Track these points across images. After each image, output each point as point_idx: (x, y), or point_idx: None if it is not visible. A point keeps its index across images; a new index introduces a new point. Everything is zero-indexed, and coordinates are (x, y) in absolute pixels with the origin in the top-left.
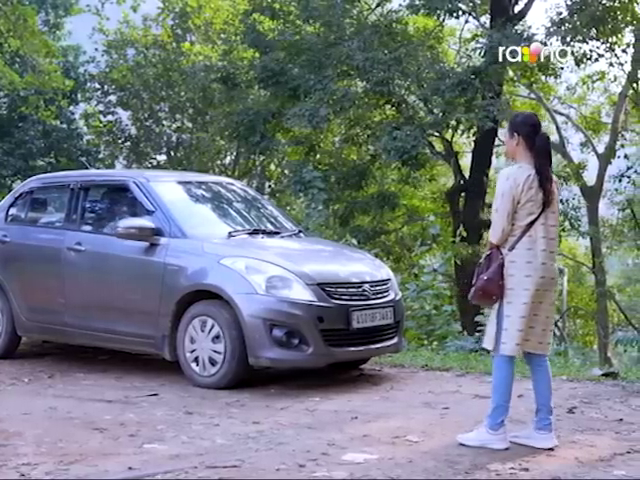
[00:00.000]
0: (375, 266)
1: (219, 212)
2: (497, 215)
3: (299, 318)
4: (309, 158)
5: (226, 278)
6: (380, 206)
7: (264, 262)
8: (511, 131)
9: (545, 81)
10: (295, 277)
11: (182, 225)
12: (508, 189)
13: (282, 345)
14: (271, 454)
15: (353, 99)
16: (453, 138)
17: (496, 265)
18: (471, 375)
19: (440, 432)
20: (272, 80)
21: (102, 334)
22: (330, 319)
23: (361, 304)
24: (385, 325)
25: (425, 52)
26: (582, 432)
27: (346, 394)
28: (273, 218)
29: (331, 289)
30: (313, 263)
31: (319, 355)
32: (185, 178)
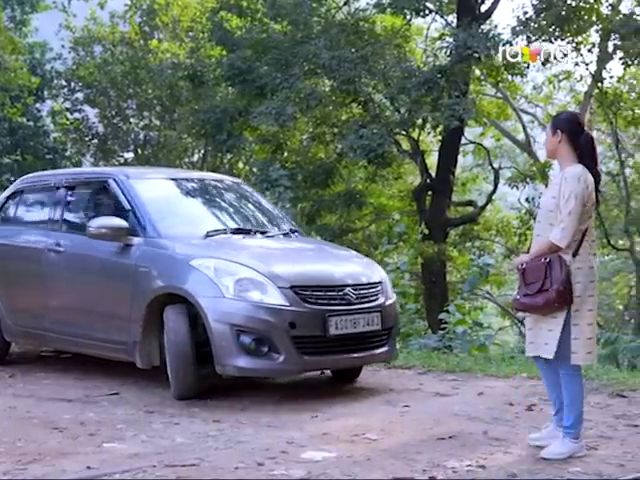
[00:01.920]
0: (364, 268)
1: (202, 211)
2: (570, 218)
3: (268, 324)
4: (276, 156)
5: (194, 280)
6: (347, 204)
7: (234, 263)
8: (554, 128)
9: (511, 80)
10: (266, 279)
11: (157, 224)
12: (580, 191)
13: (250, 353)
14: (230, 453)
15: (320, 97)
16: (420, 137)
17: (565, 273)
18: (433, 373)
19: (399, 430)
20: (239, 78)
21: (80, 340)
22: (303, 325)
23: (341, 309)
24: (371, 332)
25: (392, 51)
26: (540, 429)
27: (307, 392)
28: (265, 217)
29: (306, 292)
30: (290, 264)
31: (291, 364)
32: (174, 175)
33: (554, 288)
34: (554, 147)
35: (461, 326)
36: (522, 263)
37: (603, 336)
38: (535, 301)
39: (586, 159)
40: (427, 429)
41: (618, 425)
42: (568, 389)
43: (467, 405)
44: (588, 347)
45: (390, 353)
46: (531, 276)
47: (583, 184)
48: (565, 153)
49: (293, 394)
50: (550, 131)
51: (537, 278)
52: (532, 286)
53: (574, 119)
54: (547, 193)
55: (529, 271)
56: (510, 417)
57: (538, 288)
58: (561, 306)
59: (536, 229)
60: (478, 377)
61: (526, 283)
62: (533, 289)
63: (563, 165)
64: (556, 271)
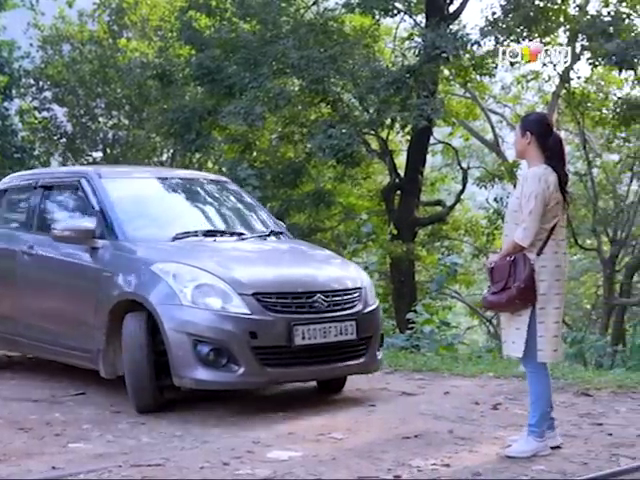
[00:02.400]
0: (341, 274)
1: (176, 212)
2: (530, 218)
3: (227, 333)
4: (245, 156)
5: (152, 287)
6: (316, 204)
7: (195, 269)
8: (523, 130)
9: (480, 80)
10: (227, 286)
11: (125, 226)
12: (541, 191)
13: (208, 364)
14: (196, 452)
15: (288, 97)
16: (388, 136)
17: (528, 271)
18: (400, 373)
19: (365, 429)
20: (208, 78)
21: (49, 346)
22: (266, 335)
23: (309, 317)
24: (344, 342)
25: (360, 51)
26: (505, 428)
27: (274, 392)
28: (246, 218)
29: (269, 299)
30: (256, 269)
31: (252, 376)
32: (154, 174)
33: (516, 285)
34: (523, 148)
35: (428, 326)
36: (491, 262)
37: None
38: (500, 299)
39: (554, 160)
40: (393, 428)
41: (582, 424)
42: (534, 387)
43: (433, 404)
44: (554, 345)
45: (369, 364)
46: (497, 275)
47: (544, 184)
48: (534, 154)
49: (260, 393)
50: (520, 132)
51: (502, 276)
52: (498, 284)
53: (543, 120)
54: (513, 193)
55: (496, 270)
56: (476, 416)
57: (502, 286)
58: (523, 303)
59: (505, 229)
60: (445, 376)
61: (493, 281)
62: (499, 287)
63: (530, 165)
64: (519, 269)
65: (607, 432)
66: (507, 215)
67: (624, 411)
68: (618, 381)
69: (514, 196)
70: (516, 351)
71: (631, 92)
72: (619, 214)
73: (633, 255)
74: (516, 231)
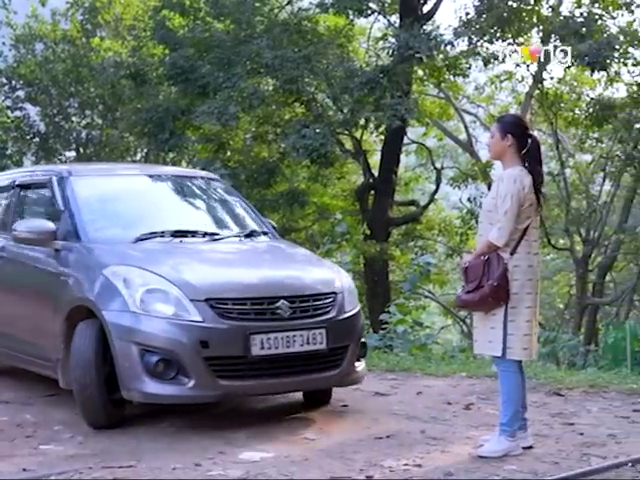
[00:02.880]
0: (316, 277)
1: (147, 211)
2: (506, 218)
3: (176, 343)
4: (218, 156)
5: (102, 292)
6: (290, 204)
7: (148, 272)
8: (503, 132)
9: (454, 80)
10: (178, 291)
11: (88, 227)
12: (516, 192)
13: (156, 376)
14: (168, 453)
15: (262, 97)
16: (362, 136)
17: (502, 270)
18: (373, 373)
19: (337, 430)
20: (181, 77)
21: (17, 354)
22: (219, 344)
23: (269, 325)
24: (311, 352)
25: (334, 51)
26: (477, 428)
27: None
28: (226, 217)
29: (224, 306)
30: (215, 272)
31: (203, 389)
32: (131, 171)
33: (489, 284)
34: (502, 150)
35: (402, 326)
36: (466, 262)
37: (543, 335)
38: (472, 297)
39: (532, 162)
40: (365, 428)
41: (554, 423)
42: (505, 385)
43: (406, 404)
44: (524, 343)
45: (345, 376)
46: (472, 274)
47: (519, 185)
48: (511, 156)
49: None
50: (499, 134)
51: (476, 276)
52: (472, 283)
53: (522, 123)
54: (488, 194)
55: (470, 269)
56: (448, 416)
57: (476, 285)
58: (496, 302)
59: (479, 229)
60: (418, 376)
61: (467, 281)
62: (472, 286)
63: (506, 167)
64: (493, 268)
65: (578, 432)
66: (481, 215)
67: (595, 410)
68: (590, 381)
69: (489, 196)
70: (493, 350)
71: (603, 93)
72: (592, 214)
73: (605, 255)
74: (491, 231)
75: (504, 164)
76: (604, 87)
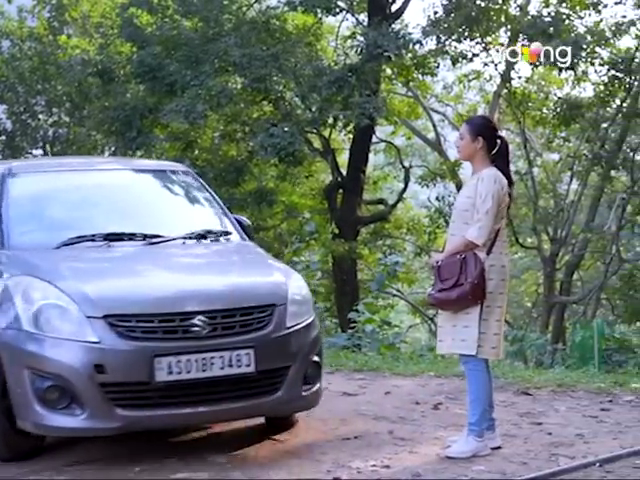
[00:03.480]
0: (252, 286)
1: (84, 211)
2: (487, 217)
3: (66, 367)
4: (186, 154)
5: (0, 306)
6: (258, 203)
7: (51, 285)
8: (473, 134)
9: (422, 79)
10: (75, 306)
11: (12, 232)
12: (496, 192)
13: (48, 404)
14: (130, 456)
15: (230, 95)
16: (331, 135)
17: (480, 268)
18: (341, 372)
19: (305, 430)
20: (149, 75)
21: None
22: (117, 368)
23: (180, 345)
24: (235, 376)
25: (303, 49)
26: (445, 428)
27: None
28: (179, 216)
29: (125, 323)
30: (122, 284)
31: (99, 420)
32: (83, 166)
33: (468, 281)
34: (473, 152)
35: (370, 325)
36: (437, 261)
37: (511, 334)
38: (449, 295)
39: (500, 163)
40: (333, 429)
41: (522, 423)
42: (473, 385)
43: (374, 404)
44: (493, 342)
45: (283, 403)
46: (446, 272)
47: (499, 185)
48: (481, 157)
49: None
50: (469, 137)
51: (452, 274)
52: (447, 282)
53: (491, 125)
54: (462, 193)
55: (444, 268)
56: (416, 416)
57: (453, 283)
58: (474, 300)
59: (451, 228)
60: (386, 376)
61: (441, 279)
62: (448, 284)
63: (477, 167)
64: (471, 267)
65: (547, 431)
66: (454, 214)
67: (563, 410)
68: (558, 380)
69: (463, 195)
70: (468, 349)
71: (571, 92)
72: (559, 213)
73: (573, 253)
74: (469, 230)
75: (474, 165)
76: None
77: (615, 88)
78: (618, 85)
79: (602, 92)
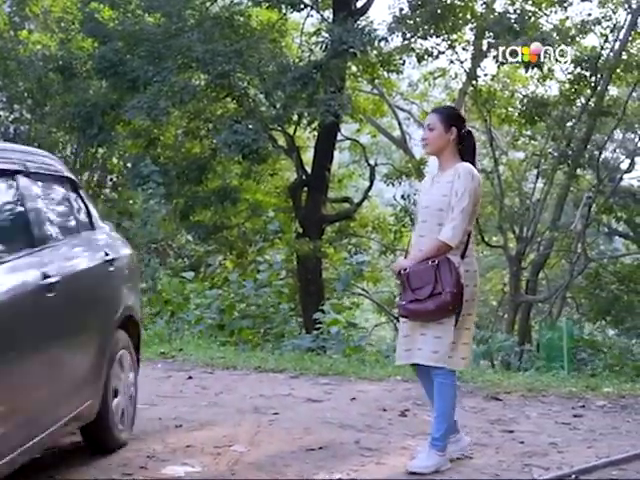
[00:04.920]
0: None
1: None
2: (461, 216)
3: None
4: (149, 151)
5: None
6: (221, 201)
7: None
8: (446, 124)
9: (387, 77)
10: None
11: None
12: (473, 189)
13: None
14: (84, 469)
15: (193, 92)
16: (295, 133)
17: (456, 275)
18: (305, 377)
19: (267, 441)
20: (111, 71)
21: None
22: None
23: None
24: None
25: (267, 45)
26: (413, 437)
27: (172, 399)
28: None
29: None
30: None
31: None
32: None
33: (448, 291)
34: (445, 144)
35: (335, 326)
36: (404, 268)
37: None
38: (426, 307)
39: (468, 158)
40: (297, 439)
41: (493, 431)
42: (442, 398)
43: (339, 411)
44: (463, 352)
45: None
46: (417, 280)
47: (477, 182)
48: (452, 150)
49: (156, 401)
50: (442, 127)
51: (426, 282)
52: (420, 291)
53: (462, 116)
54: (435, 191)
55: (414, 275)
56: (383, 424)
57: (429, 292)
58: (454, 311)
59: (420, 229)
60: (352, 380)
61: (412, 288)
62: (422, 294)
63: (446, 163)
64: (446, 274)
65: (518, 440)
66: (426, 214)
67: (535, 416)
68: (528, 384)
69: (439, 194)
70: (439, 361)
71: (536, 90)
72: (526, 212)
73: (538, 252)
74: (442, 231)
75: (443, 160)
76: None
77: (581, 86)
78: (584, 83)
79: (568, 90)
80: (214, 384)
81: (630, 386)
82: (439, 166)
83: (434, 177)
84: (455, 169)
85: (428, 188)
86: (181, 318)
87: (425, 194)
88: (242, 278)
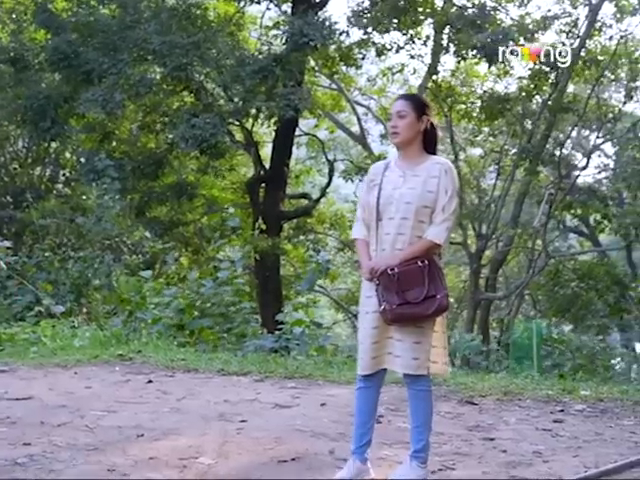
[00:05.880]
0: None
1: None
2: (453, 216)
3: None
4: (103, 146)
5: None
6: (178, 196)
7: None
8: (419, 113)
9: (346, 72)
10: None
11: None
12: (458, 188)
13: None
14: None
15: (150, 84)
16: (253, 127)
17: (443, 277)
18: (270, 380)
19: (236, 452)
20: (64, 63)
21: None
22: None
23: None
24: None
25: (225, 38)
26: (390, 446)
27: (132, 405)
28: None
29: None
30: None
31: None
32: None
33: (442, 295)
34: (416, 134)
35: (299, 326)
36: (392, 267)
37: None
38: (420, 310)
39: (431, 151)
40: (267, 449)
41: (473, 439)
42: (422, 407)
43: (310, 418)
44: (444, 357)
45: None
46: (408, 282)
47: (457, 179)
48: (420, 142)
49: (115, 407)
50: (415, 115)
51: (416, 284)
52: (410, 293)
53: (431, 106)
54: (414, 186)
55: (405, 276)
56: None
57: (424, 295)
58: (442, 313)
59: (398, 227)
60: (319, 384)
61: (403, 290)
62: (415, 296)
63: (414, 155)
64: (435, 276)
65: (500, 448)
66: (408, 210)
67: (514, 422)
68: (503, 387)
69: (423, 189)
70: (420, 368)
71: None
72: (486, 208)
73: (497, 250)
74: (433, 231)
75: (410, 152)
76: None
77: (541, 82)
78: (544, 79)
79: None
80: (175, 388)
81: (607, 389)
82: (402, 158)
83: (405, 170)
84: (439, 164)
85: (400, 182)
86: (139, 318)
87: (398, 188)
88: (201, 276)
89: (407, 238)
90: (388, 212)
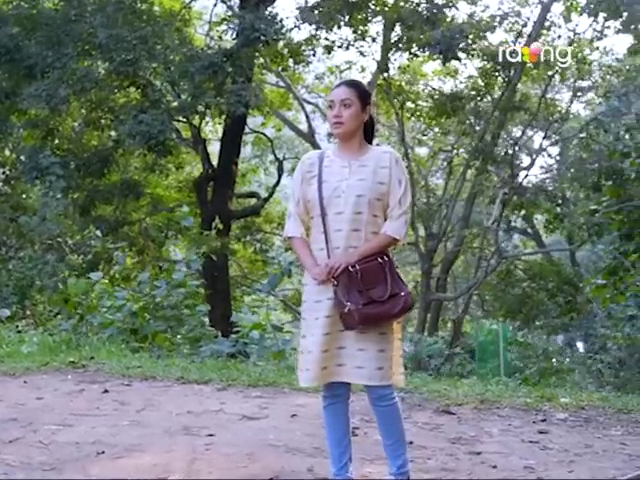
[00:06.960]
0: None
1: None
2: (409, 210)
3: None
4: (47, 143)
5: None
6: (124, 195)
7: None
8: (364, 102)
9: (294, 69)
10: None
11: None
12: (407, 177)
13: None
14: None
15: (95, 79)
16: (201, 125)
17: (399, 274)
18: (233, 389)
19: (207, 470)
20: (5, 57)
21: None
22: None
23: None
24: None
25: (172, 33)
26: (371, 462)
27: (88, 418)
28: None
29: None
30: None
31: None
32: None
33: (406, 292)
34: (359, 125)
35: (256, 331)
36: (352, 265)
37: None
38: (386, 310)
39: (369, 141)
40: (241, 467)
41: (458, 453)
42: (394, 422)
43: (282, 431)
44: (401, 366)
45: None
46: (370, 280)
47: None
48: (361, 133)
49: (70, 420)
50: (360, 104)
51: (378, 281)
52: (374, 291)
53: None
54: (363, 177)
55: (367, 273)
56: None
57: (388, 293)
58: (407, 312)
59: (352, 222)
60: (286, 392)
61: (366, 288)
62: (379, 294)
63: (356, 146)
64: (394, 273)
65: (489, 463)
66: (360, 204)
67: (497, 433)
68: (478, 395)
69: (373, 181)
70: (385, 378)
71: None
72: (438, 208)
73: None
74: (391, 226)
75: (353, 142)
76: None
77: (493, 80)
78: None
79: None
80: (134, 399)
81: (587, 396)
82: (343, 149)
83: (349, 161)
84: (387, 152)
85: (346, 172)
86: (89, 322)
87: (344, 179)
88: (154, 277)
89: (362, 234)
90: (335, 206)
